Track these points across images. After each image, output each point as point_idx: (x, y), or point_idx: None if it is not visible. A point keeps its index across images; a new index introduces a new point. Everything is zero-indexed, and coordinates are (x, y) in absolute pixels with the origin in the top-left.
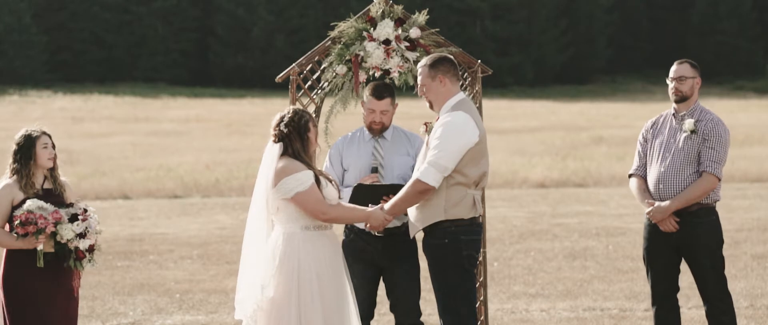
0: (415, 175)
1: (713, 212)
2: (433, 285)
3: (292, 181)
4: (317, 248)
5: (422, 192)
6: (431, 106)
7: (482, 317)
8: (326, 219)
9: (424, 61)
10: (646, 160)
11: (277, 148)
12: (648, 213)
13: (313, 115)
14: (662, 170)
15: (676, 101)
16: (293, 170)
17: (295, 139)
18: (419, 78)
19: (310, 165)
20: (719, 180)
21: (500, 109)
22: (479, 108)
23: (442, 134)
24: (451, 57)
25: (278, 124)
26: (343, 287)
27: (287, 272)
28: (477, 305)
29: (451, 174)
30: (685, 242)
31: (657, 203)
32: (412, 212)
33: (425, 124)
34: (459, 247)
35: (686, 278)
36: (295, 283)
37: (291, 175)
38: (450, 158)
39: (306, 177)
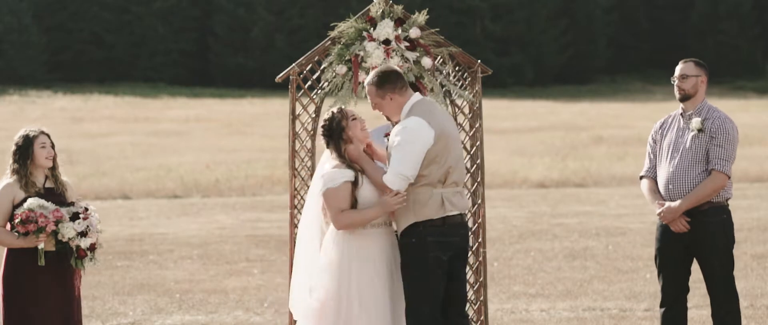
0: (386, 182)
1: (725, 210)
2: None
3: (326, 177)
4: (364, 247)
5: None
6: (389, 119)
7: (482, 317)
8: (337, 227)
9: (370, 79)
10: (656, 162)
11: (327, 152)
12: (659, 214)
13: (343, 109)
14: (671, 170)
15: (680, 100)
16: (320, 173)
17: (332, 144)
18: (369, 97)
19: (350, 165)
20: (729, 178)
21: (500, 109)
22: (479, 108)
23: (399, 143)
24: (394, 68)
25: (322, 134)
26: (395, 287)
27: (336, 272)
28: (477, 305)
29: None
30: (696, 241)
31: (667, 204)
32: (396, 217)
33: (386, 135)
34: (425, 248)
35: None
36: (346, 285)
37: (325, 172)
38: (409, 165)
39: (338, 175)
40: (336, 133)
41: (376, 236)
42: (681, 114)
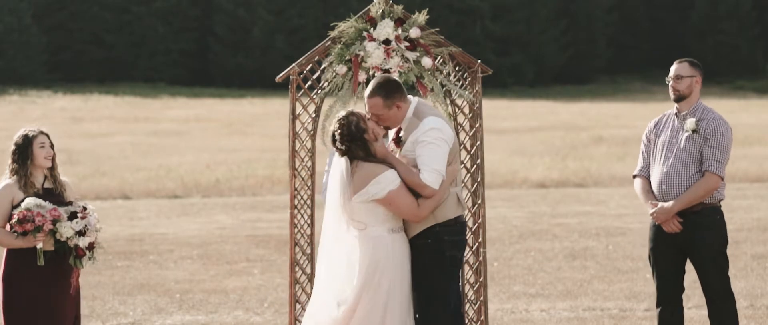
0: (425, 181)
1: (718, 211)
2: (413, 286)
3: (383, 179)
4: (402, 252)
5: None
6: (387, 129)
7: (482, 317)
8: (419, 219)
9: (374, 92)
10: (649, 161)
11: (344, 160)
12: (651, 214)
13: (353, 111)
14: (665, 170)
15: (675, 100)
16: (377, 172)
17: (357, 148)
18: (373, 110)
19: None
20: (722, 179)
21: (500, 109)
22: (479, 108)
23: (430, 142)
24: (391, 76)
25: (335, 143)
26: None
27: (367, 281)
28: (477, 305)
29: None
30: (689, 242)
31: (660, 204)
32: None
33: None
34: (442, 248)
35: (686, 277)
36: (385, 294)
37: (379, 175)
38: (442, 163)
39: (394, 175)
40: (357, 135)
41: (398, 241)
42: (675, 114)
